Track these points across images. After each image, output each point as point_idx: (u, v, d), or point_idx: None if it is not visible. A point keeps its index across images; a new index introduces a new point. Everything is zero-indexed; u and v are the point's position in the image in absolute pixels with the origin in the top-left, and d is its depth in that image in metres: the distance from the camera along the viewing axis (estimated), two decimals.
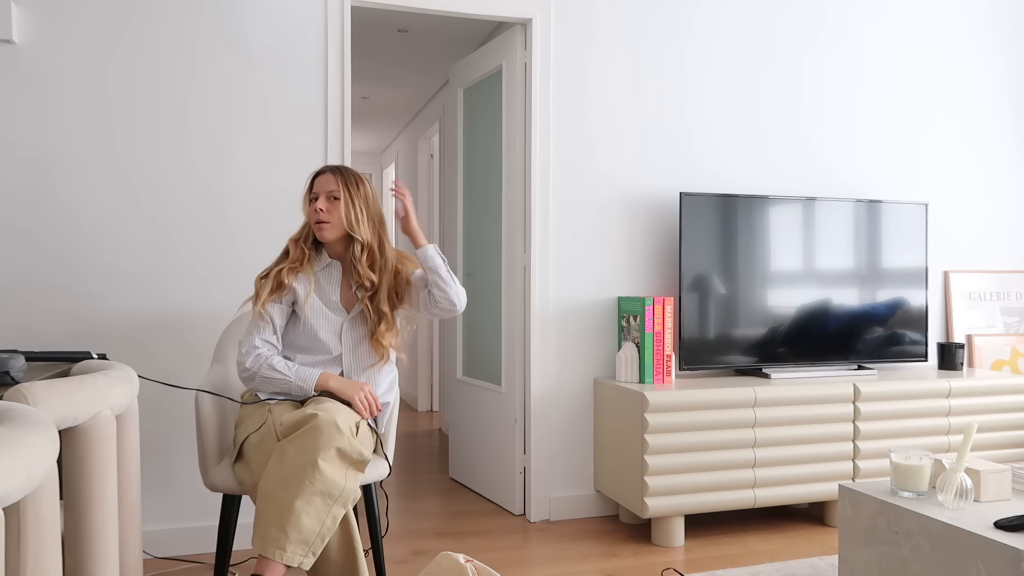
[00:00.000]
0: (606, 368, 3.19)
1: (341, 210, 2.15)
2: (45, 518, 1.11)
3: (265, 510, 1.87)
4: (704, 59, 3.29)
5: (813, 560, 2.64)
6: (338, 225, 2.17)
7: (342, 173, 2.20)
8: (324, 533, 1.89)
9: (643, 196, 3.22)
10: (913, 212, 3.39)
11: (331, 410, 1.96)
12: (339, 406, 2.02)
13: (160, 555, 2.66)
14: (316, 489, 1.87)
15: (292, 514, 1.84)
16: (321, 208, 2.14)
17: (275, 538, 1.84)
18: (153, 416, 2.66)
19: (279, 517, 1.85)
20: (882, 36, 3.56)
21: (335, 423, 1.92)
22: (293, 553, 1.85)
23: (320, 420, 1.91)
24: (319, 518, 1.88)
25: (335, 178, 2.18)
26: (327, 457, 1.89)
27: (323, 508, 1.88)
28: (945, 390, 3.13)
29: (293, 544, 1.85)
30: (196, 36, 2.70)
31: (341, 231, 2.18)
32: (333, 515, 1.90)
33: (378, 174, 7.50)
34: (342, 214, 2.15)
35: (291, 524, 1.84)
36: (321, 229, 2.16)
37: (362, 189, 2.21)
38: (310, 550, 1.87)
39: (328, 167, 2.22)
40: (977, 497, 1.91)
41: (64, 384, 1.40)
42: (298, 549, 1.85)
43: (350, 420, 2.01)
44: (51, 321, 2.57)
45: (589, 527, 3.02)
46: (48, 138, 2.57)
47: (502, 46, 3.31)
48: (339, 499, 1.91)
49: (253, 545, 1.87)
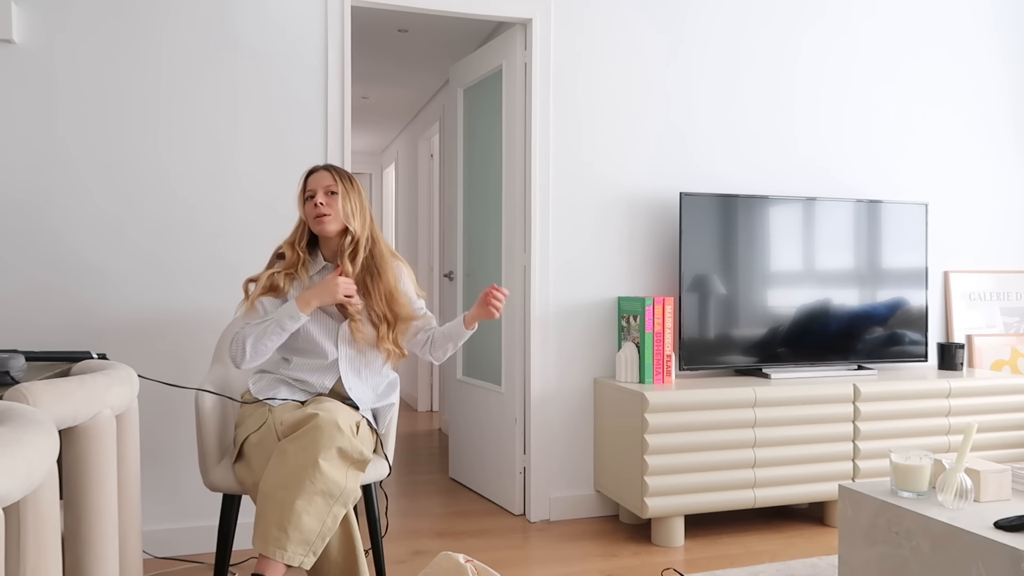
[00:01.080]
0: (606, 368, 3.19)
1: (339, 203, 2.16)
2: (45, 518, 1.11)
3: (266, 510, 1.88)
4: (704, 59, 3.29)
5: (813, 560, 2.64)
6: (338, 218, 2.16)
7: (336, 170, 2.22)
8: (325, 533, 1.89)
9: (643, 196, 3.22)
10: (913, 212, 3.39)
11: (332, 410, 1.96)
12: (339, 406, 2.02)
13: (160, 555, 2.66)
14: (317, 489, 1.87)
15: (293, 514, 1.85)
16: (321, 202, 2.14)
17: (276, 537, 1.85)
18: (153, 416, 2.66)
19: (280, 517, 1.85)
20: (881, 35, 3.56)
21: (336, 423, 1.92)
22: (294, 553, 1.85)
23: (321, 420, 1.91)
24: (320, 518, 1.88)
25: (330, 174, 2.19)
26: (328, 457, 1.89)
27: (324, 508, 1.88)
28: (945, 390, 3.13)
29: (294, 544, 1.85)
30: (196, 36, 2.70)
31: (341, 224, 2.17)
32: (334, 515, 1.90)
33: (378, 174, 7.50)
34: (340, 207, 2.16)
35: (292, 524, 1.84)
36: (322, 222, 2.15)
37: (355, 185, 2.23)
38: (311, 550, 1.87)
39: (320, 165, 2.23)
40: (977, 497, 1.91)
41: (64, 384, 1.40)
42: (299, 549, 1.85)
43: (351, 420, 2.01)
44: (51, 321, 2.57)
45: (589, 527, 3.02)
46: (48, 138, 2.57)
47: (502, 46, 3.31)
48: (340, 499, 1.91)
49: (254, 544, 1.87)
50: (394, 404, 2.30)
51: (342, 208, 2.16)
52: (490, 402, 3.40)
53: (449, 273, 3.92)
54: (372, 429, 2.21)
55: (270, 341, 2.10)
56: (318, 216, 2.15)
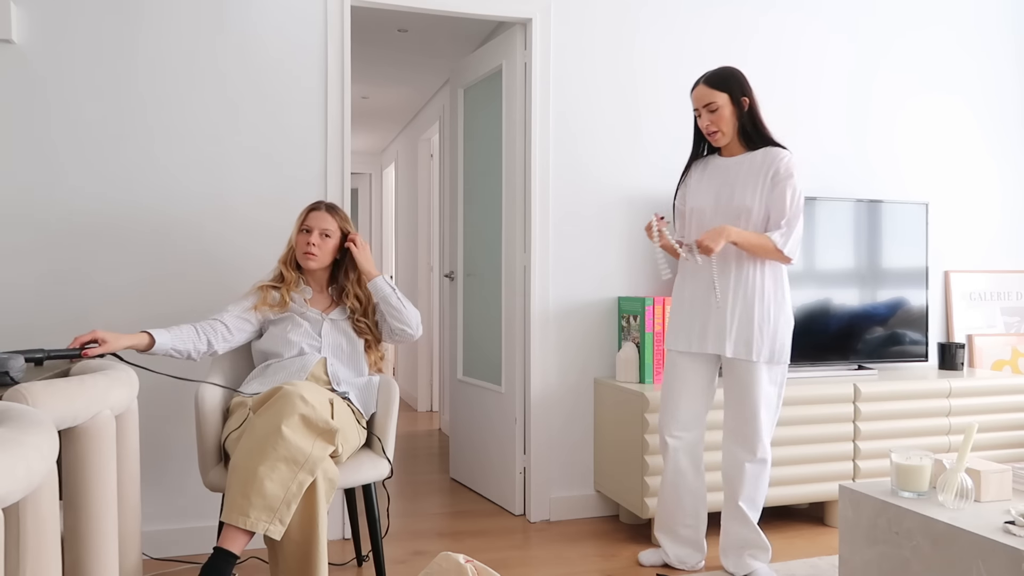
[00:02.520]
0: (606, 368, 3.19)
1: (330, 247, 2.39)
2: (45, 518, 1.11)
3: (232, 480, 1.88)
4: (704, 57, 3.29)
5: (813, 560, 2.63)
6: (323, 260, 2.39)
7: (338, 215, 2.43)
8: (289, 499, 1.86)
9: (643, 196, 3.22)
10: (913, 212, 3.39)
11: (298, 385, 2.00)
12: (310, 383, 2.06)
13: (160, 555, 2.66)
14: (280, 455, 1.87)
15: (255, 479, 1.84)
16: (314, 243, 2.36)
17: (239, 505, 1.84)
18: (153, 416, 2.66)
19: (242, 485, 1.85)
20: (882, 35, 3.56)
21: (300, 394, 1.95)
22: (257, 519, 1.83)
23: (285, 391, 1.95)
24: (283, 484, 1.86)
25: (331, 217, 2.40)
26: (290, 424, 1.90)
27: (288, 474, 1.87)
28: (945, 390, 3.13)
29: (257, 510, 1.83)
30: (196, 36, 2.70)
31: (324, 264, 2.41)
32: (299, 481, 1.88)
33: (378, 174, 7.50)
34: (329, 250, 2.39)
35: (254, 490, 1.83)
36: (308, 260, 2.37)
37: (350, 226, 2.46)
38: (276, 516, 1.84)
39: (324, 204, 2.43)
40: (977, 497, 1.91)
41: (64, 384, 1.40)
42: (262, 515, 1.83)
43: (321, 395, 2.04)
44: (51, 322, 2.57)
45: (589, 527, 3.02)
46: (47, 138, 2.57)
47: (502, 46, 3.31)
48: (305, 465, 1.89)
49: (220, 515, 1.86)
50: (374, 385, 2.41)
51: (331, 251, 2.40)
52: (490, 402, 3.40)
53: (450, 273, 3.92)
54: (356, 413, 2.26)
55: (177, 350, 2.22)
56: (307, 253, 2.36)
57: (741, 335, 2.36)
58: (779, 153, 2.36)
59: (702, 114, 2.43)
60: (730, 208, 2.40)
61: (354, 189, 7.70)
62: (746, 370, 2.37)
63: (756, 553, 2.46)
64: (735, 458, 2.42)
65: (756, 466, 2.41)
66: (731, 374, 2.42)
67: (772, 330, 2.36)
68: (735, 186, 2.40)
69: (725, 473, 2.47)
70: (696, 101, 2.44)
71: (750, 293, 2.37)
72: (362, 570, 2.59)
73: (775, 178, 2.34)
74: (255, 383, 2.30)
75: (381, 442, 2.30)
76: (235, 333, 2.32)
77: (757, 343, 2.35)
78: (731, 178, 2.42)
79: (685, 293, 2.50)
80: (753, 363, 2.36)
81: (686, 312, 2.48)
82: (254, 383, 2.30)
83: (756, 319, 2.35)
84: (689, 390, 2.48)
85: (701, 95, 2.42)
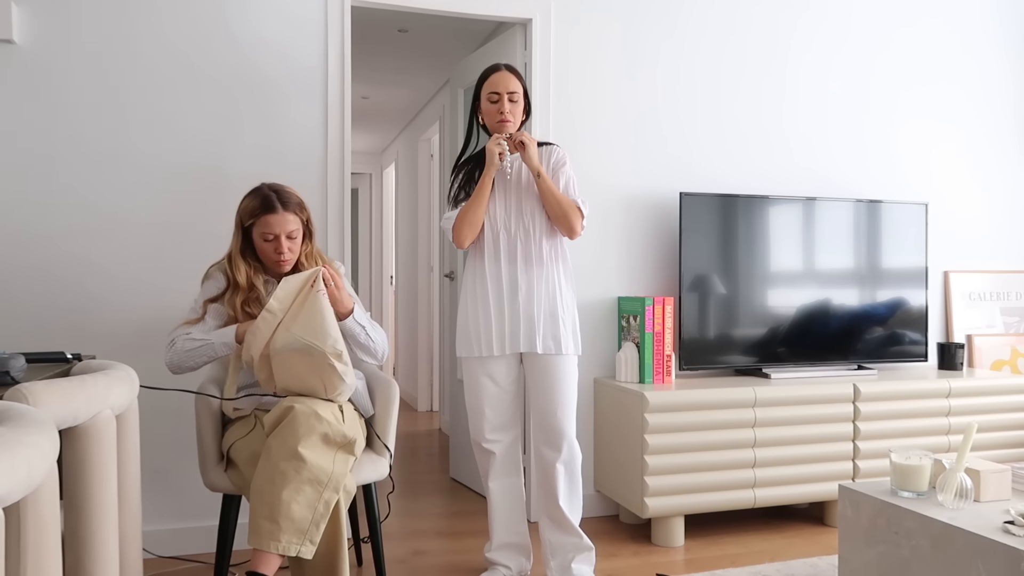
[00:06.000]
0: (606, 368, 3.19)
1: (298, 245, 2.21)
2: (45, 518, 1.11)
3: (256, 506, 1.88)
4: (704, 59, 3.29)
5: (813, 560, 2.64)
6: (295, 259, 2.22)
7: (301, 210, 2.21)
8: (318, 519, 1.88)
9: (643, 196, 3.22)
10: (913, 212, 3.39)
11: (307, 401, 1.97)
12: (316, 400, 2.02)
13: (160, 555, 2.66)
14: (303, 478, 1.88)
15: (281, 505, 1.85)
16: (288, 248, 2.17)
17: (268, 531, 1.85)
18: (153, 416, 2.66)
19: (269, 510, 1.86)
20: (881, 36, 3.56)
21: (314, 411, 1.94)
22: (288, 543, 1.84)
23: (297, 411, 1.93)
24: (310, 505, 1.88)
25: (293, 215, 2.17)
26: (308, 444, 1.90)
27: (313, 495, 1.88)
28: (945, 390, 3.13)
29: (287, 534, 1.85)
30: (195, 36, 2.70)
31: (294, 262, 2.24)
32: (325, 501, 1.90)
33: (378, 174, 7.50)
34: (298, 248, 2.21)
35: (282, 514, 1.85)
36: (282, 266, 2.20)
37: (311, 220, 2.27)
38: (306, 538, 1.86)
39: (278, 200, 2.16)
40: (977, 497, 1.91)
41: (64, 384, 1.40)
42: (293, 538, 1.85)
43: (330, 407, 2.02)
44: (51, 322, 2.57)
45: (589, 527, 3.02)
46: (47, 138, 2.57)
47: (502, 46, 3.31)
48: (329, 484, 1.91)
49: (249, 542, 1.87)
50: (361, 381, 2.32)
51: (299, 248, 2.22)
52: None
53: (450, 273, 3.91)
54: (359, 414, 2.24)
55: (196, 358, 2.13)
56: (280, 262, 2.18)
57: (549, 330, 2.35)
58: (553, 148, 2.46)
59: (503, 100, 2.33)
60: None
61: (354, 189, 7.69)
62: (556, 364, 2.35)
63: (582, 557, 2.40)
64: (546, 460, 2.39)
65: (570, 464, 2.38)
66: (538, 370, 2.37)
67: (572, 323, 2.39)
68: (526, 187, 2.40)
69: (538, 478, 2.43)
70: (501, 86, 2.33)
71: (552, 289, 2.37)
72: (362, 570, 2.59)
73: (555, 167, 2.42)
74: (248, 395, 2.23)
75: (382, 440, 2.31)
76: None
77: (564, 336, 2.35)
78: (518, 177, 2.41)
79: (478, 298, 2.39)
80: (564, 356, 2.36)
81: (483, 316, 2.37)
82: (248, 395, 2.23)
83: (559, 314, 2.36)
84: (502, 393, 2.40)
85: (507, 82, 2.34)
